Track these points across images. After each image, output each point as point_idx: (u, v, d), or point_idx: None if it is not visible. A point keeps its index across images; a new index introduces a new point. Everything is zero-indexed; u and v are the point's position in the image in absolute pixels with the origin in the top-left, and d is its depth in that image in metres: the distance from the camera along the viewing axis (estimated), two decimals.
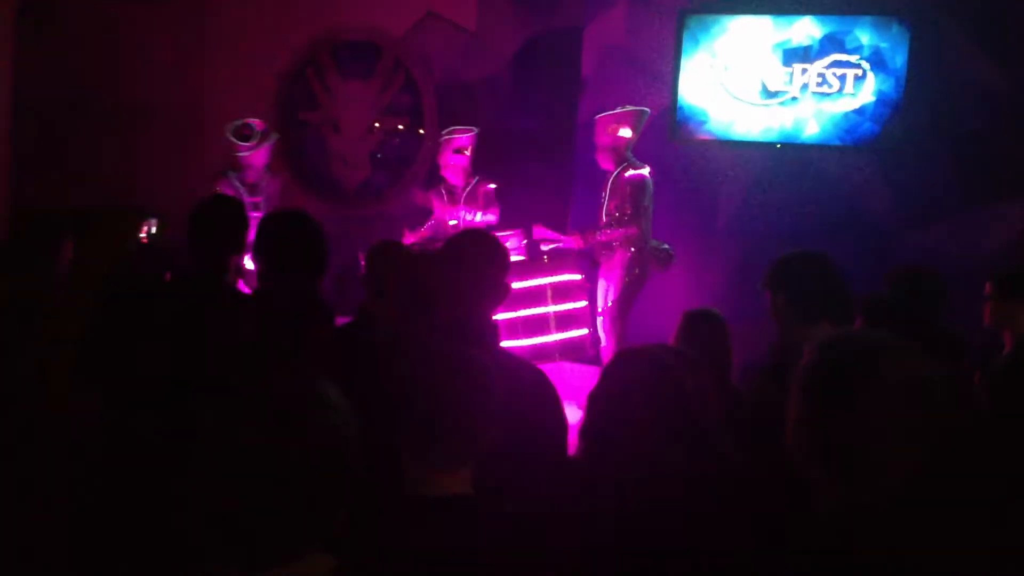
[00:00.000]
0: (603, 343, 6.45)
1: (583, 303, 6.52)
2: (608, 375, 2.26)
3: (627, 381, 2.19)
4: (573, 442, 2.34)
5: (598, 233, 6.35)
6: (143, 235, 6.17)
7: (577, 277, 6.53)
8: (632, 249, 6.29)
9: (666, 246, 6.39)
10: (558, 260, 6.50)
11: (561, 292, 6.47)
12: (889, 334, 1.68)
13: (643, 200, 6.28)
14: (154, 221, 6.44)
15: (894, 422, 1.57)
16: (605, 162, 6.43)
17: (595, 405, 2.22)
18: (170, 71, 8.30)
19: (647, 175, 6.33)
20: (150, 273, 4.25)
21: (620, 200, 6.32)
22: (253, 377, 1.50)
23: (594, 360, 6.46)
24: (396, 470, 1.87)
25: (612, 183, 6.39)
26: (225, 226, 3.12)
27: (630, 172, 6.32)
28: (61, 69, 7.82)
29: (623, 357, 2.33)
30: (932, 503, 1.61)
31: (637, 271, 6.33)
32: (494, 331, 2.56)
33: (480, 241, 2.69)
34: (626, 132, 6.38)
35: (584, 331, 6.51)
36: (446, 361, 1.93)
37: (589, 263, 6.64)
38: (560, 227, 6.73)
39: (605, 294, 6.44)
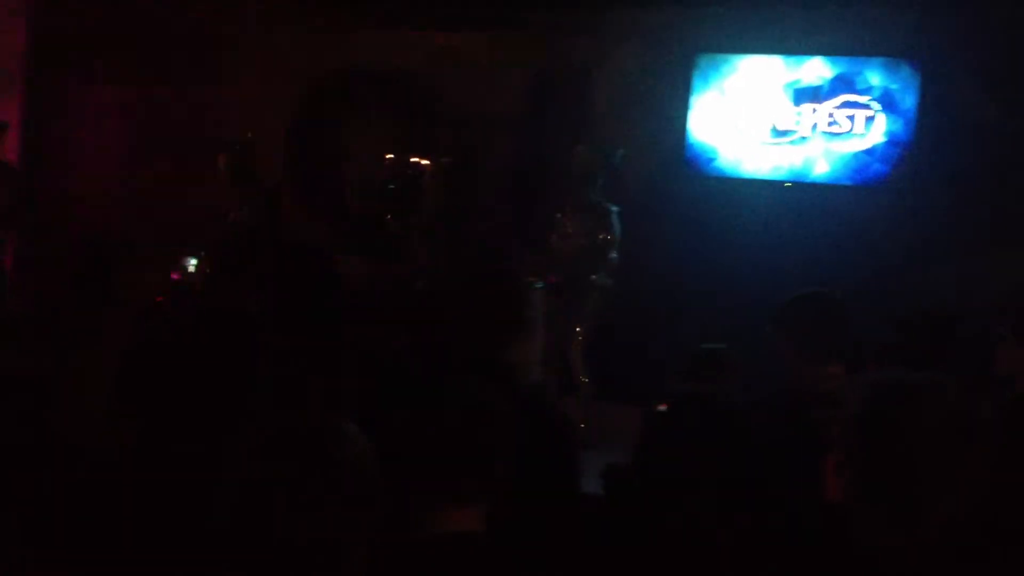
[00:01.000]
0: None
1: None
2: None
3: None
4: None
5: None
6: (179, 272, 6.17)
7: None
8: None
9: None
10: None
11: None
12: (934, 375, 1.70)
13: None
14: (192, 260, 6.46)
15: (947, 461, 1.58)
16: None
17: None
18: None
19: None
20: (184, 309, 4.28)
21: None
22: (278, 411, 1.52)
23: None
24: (408, 505, 1.88)
25: None
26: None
27: None
28: None
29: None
30: (983, 540, 1.62)
31: None
32: (511, 366, 2.58)
33: (498, 277, 2.72)
34: None
35: None
36: (457, 395, 1.95)
37: None
38: None
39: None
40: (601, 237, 6.40)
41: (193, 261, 6.42)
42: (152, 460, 2.67)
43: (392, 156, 8.14)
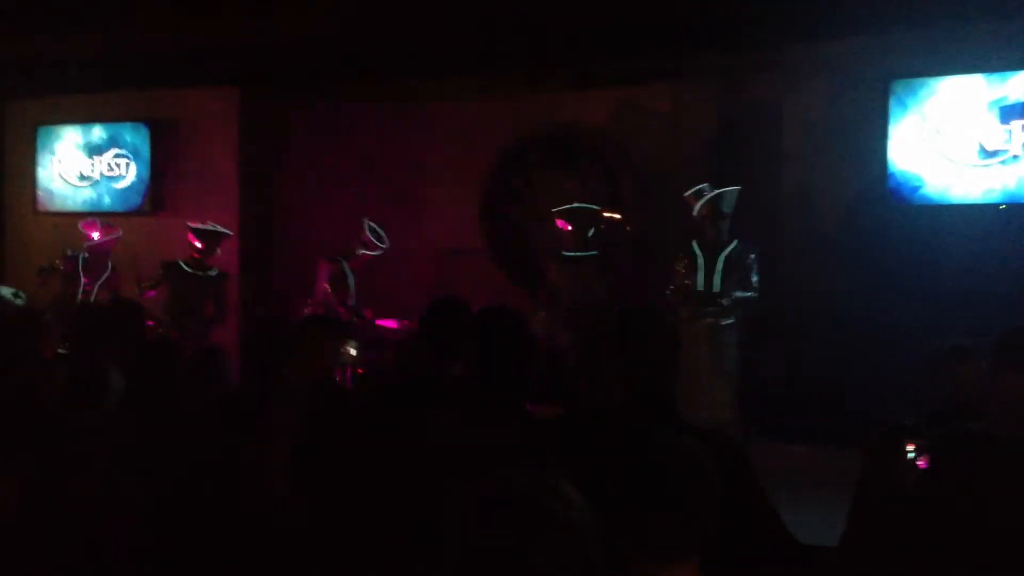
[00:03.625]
0: None
1: None
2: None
3: None
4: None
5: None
6: (345, 356, 6.35)
7: None
8: None
9: None
10: None
11: None
12: None
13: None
14: (355, 343, 6.69)
15: None
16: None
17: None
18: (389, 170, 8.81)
19: None
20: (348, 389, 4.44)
21: None
22: (489, 476, 1.52)
23: None
24: (624, 566, 1.85)
25: None
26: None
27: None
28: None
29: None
30: None
31: None
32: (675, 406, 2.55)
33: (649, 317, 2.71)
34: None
35: None
36: (658, 446, 1.92)
37: None
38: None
39: None
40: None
41: (354, 343, 6.61)
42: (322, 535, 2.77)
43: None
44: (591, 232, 7.55)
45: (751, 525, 2.30)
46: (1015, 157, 6.64)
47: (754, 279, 6.58)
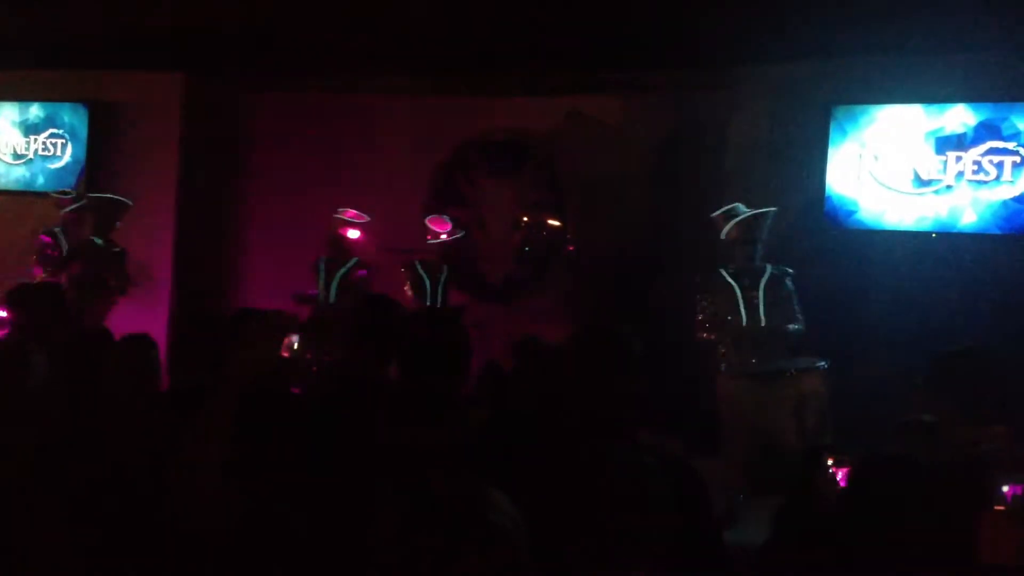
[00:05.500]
0: None
1: None
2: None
3: None
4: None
5: None
6: (285, 350, 6.21)
7: None
8: None
9: None
10: None
11: None
12: None
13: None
14: (296, 337, 6.57)
15: None
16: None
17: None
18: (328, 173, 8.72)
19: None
20: (287, 387, 4.36)
21: None
22: (419, 481, 1.52)
23: None
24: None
25: None
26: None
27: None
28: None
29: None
30: None
31: None
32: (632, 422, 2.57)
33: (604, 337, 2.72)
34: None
35: None
36: (613, 462, 1.93)
37: None
38: None
39: None
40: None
41: (296, 338, 6.50)
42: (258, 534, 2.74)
43: (528, 219, 8.24)
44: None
45: (696, 543, 2.33)
46: (948, 187, 6.81)
47: (796, 308, 6.04)
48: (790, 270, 6.19)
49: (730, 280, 6.02)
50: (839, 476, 2.79)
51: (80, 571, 2.85)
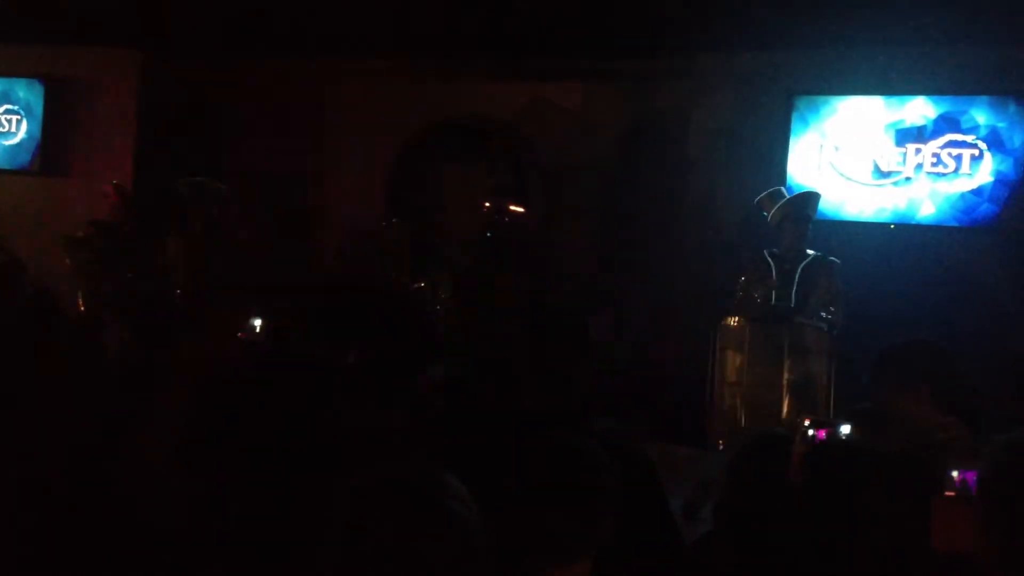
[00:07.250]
0: None
1: None
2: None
3: None
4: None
5: None
6: (245, 333, 6.15)
7: None
8: None
9: None
10: None
11: None
12: None
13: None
14: (258, 322, 6.50)
15: None
16: None
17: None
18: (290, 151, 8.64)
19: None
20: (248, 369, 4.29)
21: None
22: (379, 468, 1.51)
23: None
24: (512, 565, 1.86)
25: None
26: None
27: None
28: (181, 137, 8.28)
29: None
30: None
31: None
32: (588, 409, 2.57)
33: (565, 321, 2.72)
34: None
35: None
36: (559, 449, 1.93)
37: None
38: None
39: None
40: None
41: (258, 322, 6.43)
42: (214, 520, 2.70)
43: (490, 204, 8.20)
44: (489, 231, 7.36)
45: (646, 530, 2.33)
46: (907, 179, 6.87)
47: (836, 299, 5.87)
48: (836, 260, 6.04)
49: (769, 260, 5.95)
50: (820, 436, 2.74)
51: (27, 559, 2.80)
